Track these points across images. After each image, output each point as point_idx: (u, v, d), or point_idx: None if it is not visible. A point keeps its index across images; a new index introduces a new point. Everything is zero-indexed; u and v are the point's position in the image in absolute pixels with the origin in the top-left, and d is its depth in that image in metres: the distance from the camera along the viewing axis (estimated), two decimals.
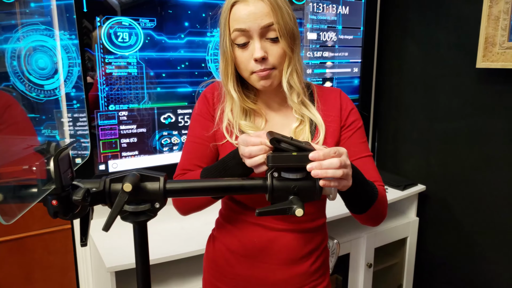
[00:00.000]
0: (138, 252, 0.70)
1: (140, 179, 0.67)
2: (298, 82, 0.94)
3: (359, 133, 1.00)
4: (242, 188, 0.71)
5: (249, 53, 0.90)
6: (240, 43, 0.90)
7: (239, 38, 0.89)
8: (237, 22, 0.88)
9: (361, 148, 0.98)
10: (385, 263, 2.04)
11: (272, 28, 0.88)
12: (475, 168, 1.84)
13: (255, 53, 0.88)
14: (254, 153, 0.75)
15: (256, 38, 0.88)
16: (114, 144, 1.53)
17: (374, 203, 0.88)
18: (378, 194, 0.89)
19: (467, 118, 1.85)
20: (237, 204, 1.00)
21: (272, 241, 0.97)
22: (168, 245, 1.39)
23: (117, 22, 1.45)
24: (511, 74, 1.65)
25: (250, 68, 0.91)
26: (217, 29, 1.64)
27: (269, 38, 0.89)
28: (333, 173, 0.70)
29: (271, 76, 0.92)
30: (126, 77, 1.51)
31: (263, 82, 0.92)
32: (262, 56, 0.88)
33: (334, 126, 0.98)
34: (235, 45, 0.91)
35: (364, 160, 0.96)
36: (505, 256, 1.77)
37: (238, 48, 0.90)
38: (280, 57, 0.91)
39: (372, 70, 2.19)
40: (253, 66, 0.90)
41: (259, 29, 0.87)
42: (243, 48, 0.90)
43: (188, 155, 0.99)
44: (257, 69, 0.90)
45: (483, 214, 1.84)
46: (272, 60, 0.90)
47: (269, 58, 0.90)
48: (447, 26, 1.89)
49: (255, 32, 0.88)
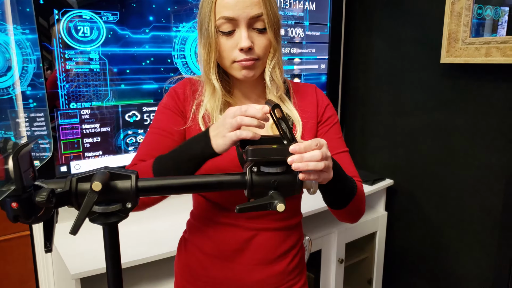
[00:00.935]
0: (109, 255, 0.65)
1: (110, 177, 0.62)
2: (280, 76, 0.92)
3: (335, 128, 0.99)
4: (220, 185, 0.67)
5: (234, 41, 0.86)
6: (225, 30, 0.86)
7: (224, 25, 0.85)
8: (225, 9, 0.84)
9: (338, 144, 0.96)
10: (355, 258, 2.06)
11: (261, 19, 0.85)
12: (441, 162, 1.89)
13: (241, 42, 0.84)
14: (245, 122, 0.71)
15: (243, 27, 0.85)
16: (76, 144, 1.45)
17: (353, 197, 0.87)
18: (357, 189, 0.88)
19: (432, 112, 1.89)
20: (210, 203, 0.96)
21: (248, 241, 0.94)
22: (137, 248, 1.33)
23: (77, 16, 1.38)
24: (474, 69, 1.70)
25: (233, 57, 0.87)
26: (184, 23, 1.60)
27: (256, 28, 0.86)
28: (315, 166, 0.67)
29: (255, 67, 0.88)
30: (87, 73, 1.44)
31: (245, 72, 0.88)
32: (249, 46, 0.85)
33: (311, 122, 0.96)
34: (219, 32, 0.86)
35: (341, 155, 0.95)
36: (469, 247, 1.82)
37: (222, 35, 0.86)
38: (266, 48, 0.88)
39: (339, 66, 2.20)
40: (237, 55, 0.86)
41: (248, 18, 0.84)
42: (228, 36, 0.86)
43: (147, 147, 0.93)
44: (240, 58, 0.86)
45: (449, 206, 1.88)
46: (257, 51, 0.87)
47: (255, 48, 0.86)
48: (412, 22, 1.92)
49: (243, 21, 0.84)
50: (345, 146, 0.98)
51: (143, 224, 1.50)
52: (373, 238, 2.07)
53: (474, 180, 1.77)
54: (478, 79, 1.70)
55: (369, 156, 2.22)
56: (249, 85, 0.95)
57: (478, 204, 1.77)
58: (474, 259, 1.82)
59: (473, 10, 1.63)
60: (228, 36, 0.86)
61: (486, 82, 1.68)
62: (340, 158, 0.94)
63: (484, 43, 1.60)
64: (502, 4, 1.64)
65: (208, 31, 0.86)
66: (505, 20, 1.64)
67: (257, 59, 0.88)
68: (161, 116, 0.95)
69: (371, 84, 2.16)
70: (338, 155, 0.95)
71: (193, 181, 0.67)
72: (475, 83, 1.72)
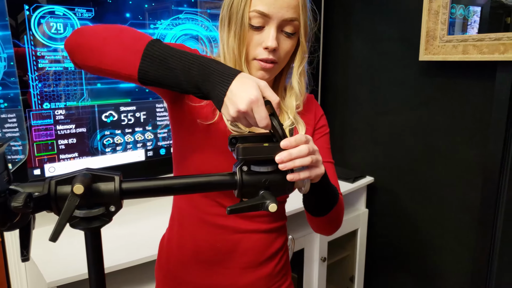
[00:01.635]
0: (92, 262, 0.61)
1: (92, 179, 0.58)
2: (303, 85, 0.92)
3: (325, 138, 0.98)
4: (209, 185, 0.64)
5: (260, 38, 0.83)
6: (255, 25, 0.83)
7: (256, 19, 0.82)
8: (262, 4, 0.81)
9: (325, 154, 0.95)
10: (337, 256, 2.06)
11: (293, 24, 0.83)
12: (420, 159, 1.90)
13: (268, 41, 0.82)
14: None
15: (273, 27, 0.82)
16: (50, 146, 1.39)
17: (335, 205, 0.86)
18: (338, 198, 0.87)
19: (411, 109, 1.91)
20: (195, 203, 0.92)
21: (236, 244, 0.91)
22: (117, 253, 1.28)
23: (49, 12, 1.32)
24: (451, 66, 1.72)
25: (255, 54, 0.84)
26: (161, 20, 1.56)
27: (285, 31, 0.84)
28: (301, 162, 0.65)
29: (272, 70, 0.86)
30: (62, 72, 1.38)
31: (262, 73, 0.86)
32: (275, 47, 0.82)
33: (310, 130, 0.96)
34: (248, 25, 0.83)
35: (326, 165, 0.93)
36: (449, 242, 1.85)
37: (250, 28, 0.83)
38: (288, 53, 0.87)
39: (318, 64, 2.20)
40: (259, 52, 0.84)
41: (282, 19, 0.82)
42: (256, 31, 0.83)
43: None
44: (262, 56, 0.84)
45: (429, 202, 1.90)
46: (281, 53, 0.85)
47: (279, 50, 0.84)
48: (391, 20, 1.94)
49: (276, 20, 0.82)
50: (331, 158, 0.97)
51: (124, 227, 1.45)
52: (354, 236, 2.07)
53: (454, 176, 1.80)
54: (456, 76, 1.73)
55: (349, 154, 2.23)
56: None
57: (458, 200, 1.79)
58: (454, 254, 1.84)
59: (450, 8, 1.65)
60: (256, 31, 0.83)
61: (463, 79, 1.71)
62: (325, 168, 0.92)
63: (461, 40, 1.62)
64: (473, 4, 1.66)
65: (241, 22, 0.83)
66: (474, 20, 1.67)
67: (276, 62, 0.86)
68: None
69: (351, 82, 2.17)
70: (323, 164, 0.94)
71: (181, 182, 0.64)
72: (453, 81, 1.74)
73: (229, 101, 0.64)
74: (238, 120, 0.66)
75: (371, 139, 2.10)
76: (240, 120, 0.66)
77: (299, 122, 0.93)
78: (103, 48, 0.70)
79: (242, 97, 0.63)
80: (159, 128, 1.62)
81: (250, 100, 0.63)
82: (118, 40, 0.71)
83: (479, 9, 1.68)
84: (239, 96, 0.63)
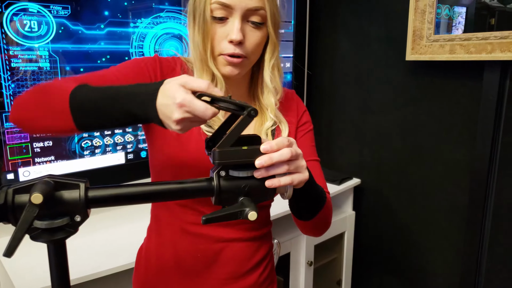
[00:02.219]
0: (55, 276, 0.56)
1: (54, 187, 0.53)
2: (279, 79, 0.86)
3: (309, 136, 0.93)
4: (183, 192, 0.60)
5: (225, 31, 0.78)
6: (217, 16, 0.77)
7: (218, 11, 0.77)
8: None
9: (310, 152, 0.90)
10: (324, 259, 2.02)
11: (259, 13, 0.78)
12: (408, 159, 1.88)
13: (232, 34, 0.76)
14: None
15: (237, 18, 0.77)
16: (24, 149, 1.33)
17: (323, 207, 0.81)
18: (326, 199, 0.83)
19: (398, 110, 1.88)
20: (173, 212, 0.87)
21: (218, 253, 0.86)
22: (91, 261, 1.22)
23: (22, 9, 1.26)
24: (438, 66, 1.70)
25: (220, 49, 0.79)
26: (142, 19, 1.51)
27: (251, 21, 0.78)
28: (281, 170, 0.61)
29: (242, 65, 0.81)
30: (36, 72, 1.32)
31: (230, 68, 0.80)
32: (240, 39, 0.77)
33: (293, 128, 0.91)
34: (211, 18, 0.78)
35: (312, 164, 0.88)
36: (438, 243, 1.83)
37: (214, 21, 0.78)
38: (258, 45, 0.80)
39: (304, 64, 2.16)
40: (225, 47, 0.78)
41: (245, 9, 0.76)
42: (220, 24, 0.78)
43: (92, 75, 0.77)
44: (228, 51, 0.78)
45: (417, 203, 1.88)
46: (248, 46, 0.79)
47: (246, 43, 0.78)
48: (377, 19, 1.91)
49: (239, 11, 0.76)
50: (316, 156, 0.92)
51: (97, 233, 1.39)
52: (341, 239, 2.04)
53: (441, 176, 1.78)
54: (443, 76, 1.71)
55: (336, 155, 2.20)
56: (232, 82, 0.87)
57: (446, 201, 1.77)
58: (442, 256, 1.82)
59: (436, 7, 1.63)
60: (220, 24, 0.78)
61: (450, 79, 1.69)
62: (310, 167, 0.88)
63: (448, 40, 1.60)
64: (458, 4, 1.65)
65: (203, 14, 0.78)
66: (458, 21, 1.65)
67: (245, 56, 0.80)
68: (128, 67, 0.82)
69: (337, 83, 2.14)
70: (308, 163, 0.89)
71: (153, 189, 0.59)
72: (440, 80, 1.72)
73: (163, 116, 0.60)
74: (187, 127, 0.60)
75: (358, 140, 2.08)
76: (189, 126, 0.61)
77: (281, 121, 0.88)
78: (40, 118, 0.69)
79: (170, 107, 0.58)
80: (140, 130, 1.56)
81: (178, 106, 0.57)
82: (46, 105, 0.68)
83: (464, 10, 1.66)
84: (167, 107, 0.59)
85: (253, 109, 0.58)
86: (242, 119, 0.58)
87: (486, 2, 1.55)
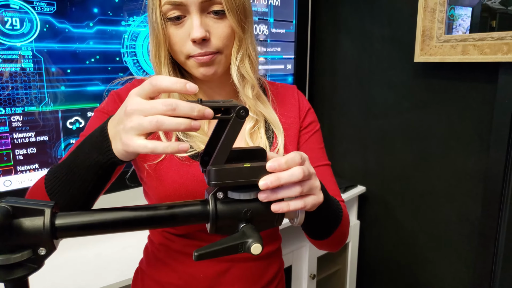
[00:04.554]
0: None
1: (12, 214, 0.43)
2: (252, 71, 0.74)
3: (317, 137, 0.84)
4: (173, 219, 0.49)
5: (185, 31, 0.69)
6: (172, 16, 0.68)
7: (171, 11, 0.67)
8: None
9: (319, 155, 0.81)
10: (327, 271, 1.92)
11: (217, 1, 0.68)
12: (415, 166, 1.78)
13: (192, 32, 0.67)
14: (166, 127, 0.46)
15: (194, 13, 0.67)
16: (5, 156, 1.23)
17: (339, 224, 0.71)
18: (342, 213, 0.72)
19: (405, 114, 1.79)
20: (168, 238, 0.78)
21: (221, 275, 0.76)
22: (79, 279, 1.13)
23: (3, 4, 1.16)
24: (449, 67, 1.61)
25: (187, 51, 0.70)
26: (134, 17, 1.41)
27: (212, 12, 0.68)
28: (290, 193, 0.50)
29: (215, 62, 0.71)
30: (19, 73, 1.22)
31: (203, 69, 0.71)
32: (202, 36, 0.67)
33: (294, 130, 0.80)
34: (167, 21, 0.69)
35: (321, 169, 0.79)
36: (446, 256, 1.73)
37: (171, 24, 0.69)
38: (227, 37, 0.70)
39: (306, 66, 2.07)
40: (190, 48, 0.69)
41: (199, 2, 0.67)
42: (178, 25, 0.68)
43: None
44: (195, 52, 0.69)
45: (424, 213, 1.78)
46: (215, 42, 0.70)
47: (211, 39, 0.69)
48: (382, 19, 1.82)
49: (194, 6, 0.67)
50: (327, 159, 0.82)
51: (83, 248, 1.29)
52: (345, 249, 1.94)
53: (450, 185, 1.68)
54: (454, 78, 1.61)
55: (339, 161, 2.10)
56: (214, 84, 0.78)
57: (455, 211, 1.68)
58: (452, 269, 1.72)
59: (447, 6, 1.54)
60: (177, 25, 0.69)
61: (462, 82, 1.59)
62: (321, 173, 0.78)
63: (460, 40, 1.50)
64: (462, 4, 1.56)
65: (154, 19, 0.68)
66: (459, 23, 1.56)
67: (216, 52, 0.70)
68: (94, 121, 0.75)
69: (340, 85, 2.04)
70: (318, 168, 0.79)
71: (136, 215, 0.49)
72: (450, 83, 1.62)
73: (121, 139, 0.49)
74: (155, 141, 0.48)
75: (362, 146, 1.98)
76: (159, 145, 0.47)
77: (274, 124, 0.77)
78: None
79: (121, 121, 0.49)
80: None
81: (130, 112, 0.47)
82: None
83: (470, 10, 1.57)
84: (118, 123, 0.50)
85: (242, 107, 0.48)
86: (232, 122, 0.48)
87: (487, 4, 1.47)
